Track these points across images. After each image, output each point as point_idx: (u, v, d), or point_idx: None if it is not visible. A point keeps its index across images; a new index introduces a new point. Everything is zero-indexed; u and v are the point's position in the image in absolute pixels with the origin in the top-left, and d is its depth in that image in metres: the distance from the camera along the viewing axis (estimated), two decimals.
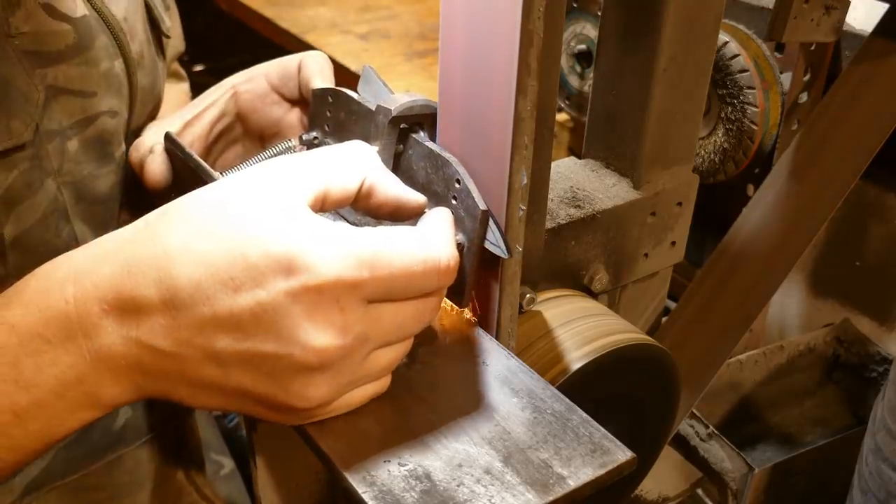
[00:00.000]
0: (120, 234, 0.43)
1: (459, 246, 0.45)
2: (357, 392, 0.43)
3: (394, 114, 0.49)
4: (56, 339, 0.41)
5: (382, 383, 0.45)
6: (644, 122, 0.66)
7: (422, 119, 0.51)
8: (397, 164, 0.51)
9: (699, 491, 0.91)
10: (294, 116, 0.66)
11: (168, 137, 0.60)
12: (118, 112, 0.61)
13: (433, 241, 0.42)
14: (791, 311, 1.10)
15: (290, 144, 0.60)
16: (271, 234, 0.39)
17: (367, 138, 0.51)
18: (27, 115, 0.53)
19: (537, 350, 0.60)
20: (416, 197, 0.46)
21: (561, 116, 1.25)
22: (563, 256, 0.66)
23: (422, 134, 0.50)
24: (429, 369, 0.48)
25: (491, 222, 0.46)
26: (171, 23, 0.78)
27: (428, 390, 0.46)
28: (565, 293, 0.66)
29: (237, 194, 0.41)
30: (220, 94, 0.65)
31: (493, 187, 0.47)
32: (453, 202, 0.47)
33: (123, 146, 0.63)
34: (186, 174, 0.58)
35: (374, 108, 0.51)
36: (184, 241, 0.40)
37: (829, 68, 0.89)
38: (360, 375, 0.42)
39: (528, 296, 0.61)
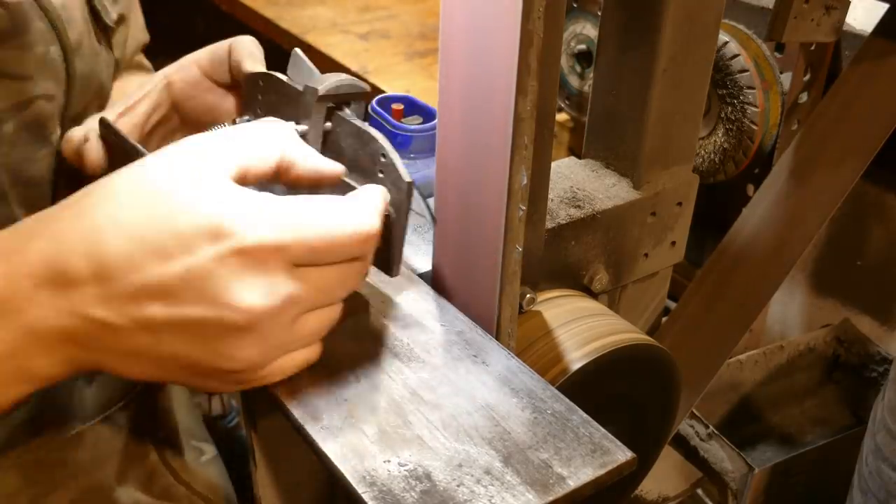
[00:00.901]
0: (47, 213, 0.44)
1: (387, 218, 0.47)
2: (288, 358, 0.44)
3: (320, 93, 0.51)
4: None
5: (313, 350, 0.46)
6: (644, 122, 0.66)
7: (348, 98, 0.52)
8: (326, 142, 0.52)
9: (699, 491, 0.91)
10: (230, 103, 0.67)
11: (103, 123, 0.61)
12: (54, 96, 0.61)
13: (357, 210, 0.44)
14: (791, 311, 1.10)
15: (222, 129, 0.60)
16: (197, 204, 0.40)
17: (297, 119, 0.53)
18: None
19: (537, 350, 0.60)
20: (333, 166, 0.48)
21: (561, 116, 1.25)
22: (563, 256, 0.66)
23: (348, 111, 0.52)
24: (428, 369, 0.48)
25: (416, 194, 0.49)
26: (130, 14, 0.78)
27: (427, 390, 0.46)
28: (565, 293, 0.66)
29: (162, 168, 0.42)
30: (153, 85, 0.66)
31: (493, 187, 0.47)
32: (380, 176, 0.49)
33: (59, 130, 0.63)
34: (121, 157, 0.59)
35: (301, 90, 0.52)
36: (111, 215, 0.41)
37: (829, 68, 0.89)
38: (289, 339, 0.43)
39: (528, 296, 0.61)
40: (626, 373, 0.62)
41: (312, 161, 0.47)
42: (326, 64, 1.62)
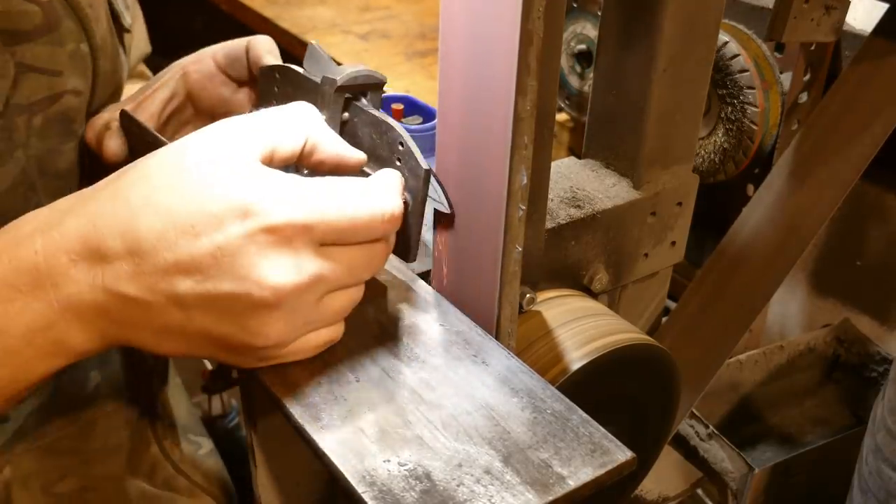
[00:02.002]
0: (84, 193, 0.46)
1: (404, 204, 0.48)
2: (312, 336, 0.46)
3: (339, 83, 0.51)
4: (26, 287, 0.43)
5: (336, 329, 0.47)
6: (644, 122, 0.66)
7: (366, 88, 0.53)
8: (343, 132, 0.53)
9: (699, 491, 0.91)
10: (242, 96, 0.69)
11: (123, 114, 0.63)
12: (82, 92, 0.63)
13: (379, 191, 0.45)
14: (791, 311, 1.10)
15: None
16: (227, 186, 0.42)
17: None
18: None
19: (537, 350, 0.60)
20: (355, 154, 0.49)
21: (561, 116, 1.26)
22: (563, 256, 0.66)
23: (365, 101, 0.52)
24: (428, 368, 0.48)
25: (433, 181, 0.49)
26: (135, 24, 0.80)
27: (427, 390, 0.46)
28: (565, 293, 0.66)
29: (193, 152, 0.44)
30: (170, 76, 0.68)
31: (493, 187, 0.47)
32: (398, 164, 0.49)
33: (84, 125, 0.65)
34: (143, 148, 0.60)
35: (320, 81, 0.53)
36: (145, 196, 0.42)
37: (829, 68, 0.89)
38: (314, 317, 0.45)
39: (527, 296, 0.61)
40: (626, 373, 0.62)
41: (336, 146, 0.48)
42: None
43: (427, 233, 0.64)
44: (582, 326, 0.62)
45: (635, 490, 0.76)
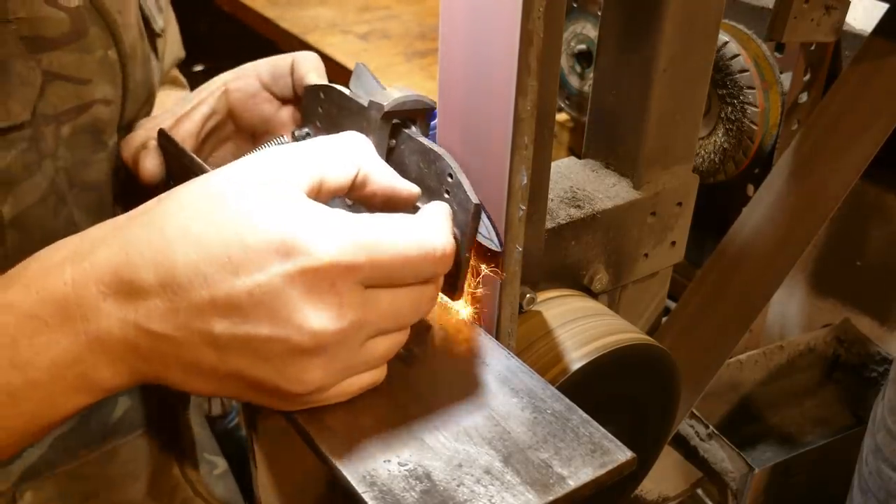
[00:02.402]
0: (117, 221, 0.44)
1: (454, 239, 0.46)
2: (353, 380, 0.43)
3: (386, 109, 0.50)
4: (53, 320, 0.41)
5: (379, 373, 0.44)
6: (644, 122, 0.66)
7: (414, 114, 0.51)
8: (389, 159, 0.51)
9: (699, 491, 0.91)
10: (285, 114, 0.67)
11: (161, 133, 0.61)
12: (112, 101, 0.62)
13: (430, 228, 0.43)
14: (791, 311, 1.10)
15: (282, 141, 0.60)
16: (268, 219, 0.39)
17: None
18: (24, 97, 0.54)
19: (537, 350, 0.60)
20: (409, 187, 0.47)
21: (561, 116, 1.26)
22: (563, 256, 0.66)
23: (414, 129, 0.51)
24: (428, 369, 0.48)
25: (483, 216, 0.47)
26: (168, 28, 0.78)
27: (428, 390, 0.46)
28: (565, 293, 0.66)
29: (234, 181, 0.41)
30: (210, 92, 0.66)
31: (493, 187, 0.47)
32: (446, 196, 0.47)
33: (116, 136, 0.64)
34: (180, 170, 0.59)
35: (366, 104, 0.51)
36: (182, 227, 0.40)
37: (829, 68, 0.89)
38: (356, 362, 0.42)
39: (528, 296, 0.61)
40: (626, 373, 0.62)
41: (389, 179, 0.46)
42: (327, 64, 1.62)
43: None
44: (582, 326, 0.62)
45: (635, 490, 0.76)
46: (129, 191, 0.65)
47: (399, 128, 0.50)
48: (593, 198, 0.67)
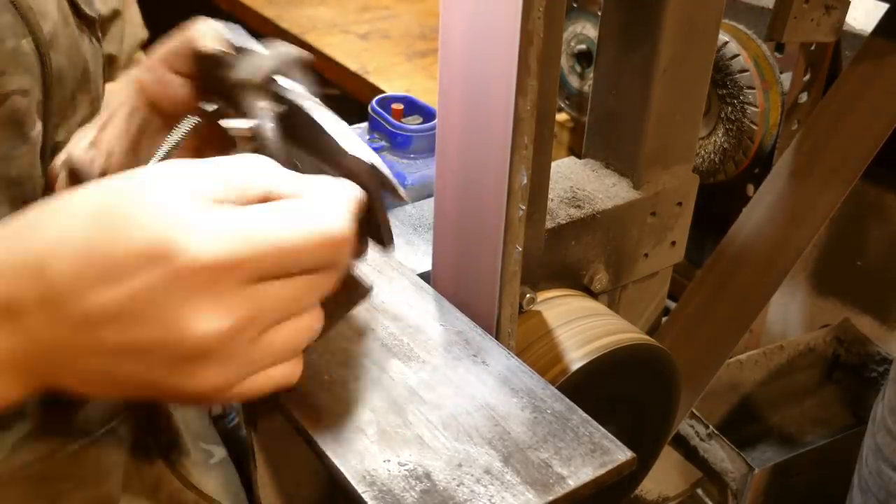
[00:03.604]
0: None
1: (368, 197, 0.43)
2: (262, 376, 0.41)
3: (256, 81, 0.48)
4: None
5: (292, 366, 0.42)
6: (644, 122, 0.66)
7: (286, 70, 0.49)
8: (287, 127, 0.48)
9: (699, 491, 0.91)
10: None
11: (65, 164, 0.59)
12: (29, 91, 0.59)
13: (321, 211, 0.40)
14: (791, 311, 1.10)
15: (193, 121, 0.57)
16: (140, 221, 0.38)
17: (245, 113, 0.49)
18: None
19: (537, 350, 0.60)
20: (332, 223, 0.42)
21: (561, 116, 1.26)
22: (563, 256, 0.66)
23: (294, 86, 0.48)
24: (428, 368, 0.48)
25: (382, 166, 0.44)
26: (126, 11, 0.76)
27: (427, 390, 0.46)
28: (565, 293, 0.66)
29: (109, 187, 0.40)
30: (127, 92, 0.63)
31: (493, 187, 0.47)
32: (346, 157, 0.44)
33: (39, 126, 0.62)
34: None
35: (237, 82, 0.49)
36: (55, 237, 0.39)
37: (829, 68, 0.89)
38: (255, 357, 0.40)
39: (527, 296, 0.61)
40: (626, 373, 0.62)
41: (292, 189, 0.41)
42: (327, 64, 1.62)
43: (427, 232, 0.64)
44: (582, 326, 0.62)
45: (635, 490, 0.76)
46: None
47: (277, 90, 0.48)
48: (593, 198, 0.67)
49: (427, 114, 0.76)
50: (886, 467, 0.67)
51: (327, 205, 0.40)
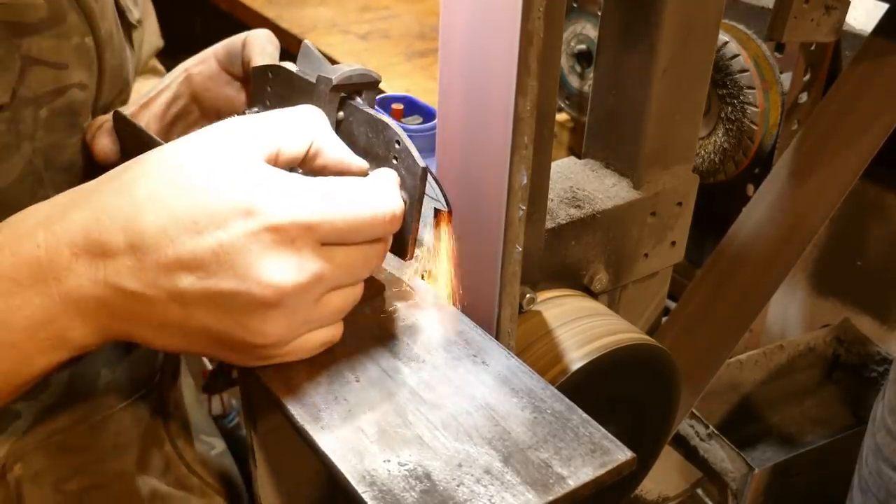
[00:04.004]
0: (87, 185, 0.46)
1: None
2: (311, 336, 0.46)
3: (335, 82, 0.51)
4: (27, 281, 0.43)
5: (336, 329, 0.47)
6: (644, 122, 0.66)
7: (361, 87, 0.52)
8: (339, 131, 0.52)
9: (699, 491, 0.91)
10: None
11: (116, 115, 0.62)
12: (87, 85, 0.63)
13: (379, 192, 0.45)
14: (791, 311, 1.10)
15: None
16: (231, 183, 0.42)
17: None
18: (5, 80, 0.56)
19: (537, 350, 0.60)
20: (358, 162, 0.49)
21: (561, 116, 1.26)
22: (563, 256, 0.66)
23: (359, 100, 0.52)
24: (428, 368, 0.48)
25: (431, 179, 0.49)
26: (146, 19, 0.79)
27: (427, 390, 0.46)
28: (565, 293, 0.66)
29: (197, 150, 0.44)
30: (173, 78, 0.67)
31: (493, 187, 0.47)
32: (394, 162, 0.49)
33: (90, 119, 0.65)
34: (138, 148, 0.60)
35: (314, 81, 0.53)
36: (149, 192, 0.42)
37: (829, 68, 0.89)
38: (314, 316, 0.45)
39: (528, 296, 0.61)
40: (626, 373, 0.62)
41: (340, 152, 0.48)
42: None
43: (426, 232, 0.64)
44: (582, 326, 0.62)
45: (635, 490, 0.76)
46: (90, 175, 0.66)
47: (346, 101, 0.52)
48: (593, 198, 0.67)
49: (427, 114, 0.76)
50: (886, 467, 0.67)
51: (383, 187, 0.46)
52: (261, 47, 0.64)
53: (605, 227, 0.67)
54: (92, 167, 0.66)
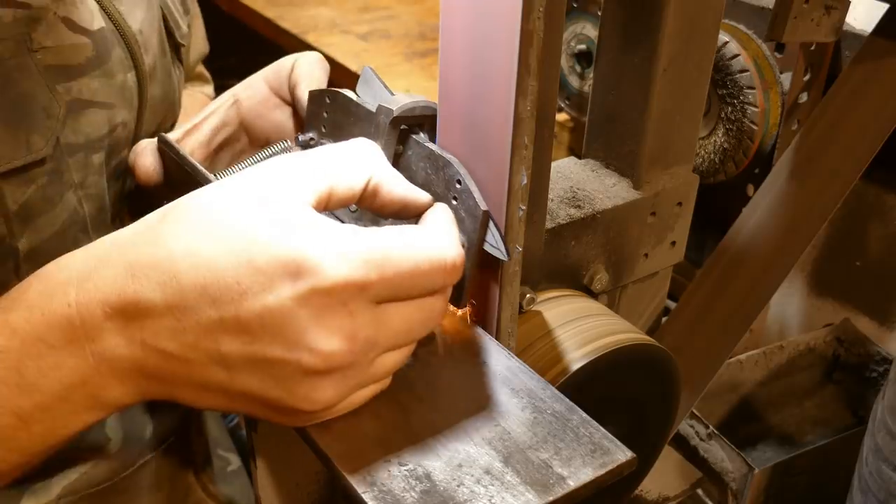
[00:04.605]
0: (120, 236, 0.43)
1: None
2: (360, 393, 0.43)
3: (395, 114, 0.49)
4: (59, 342, 0.41)
5: (385, 383, 0.45)
6: (644, 122, 0.66)
7: (422, 120, 0.50)
8: (397, 165, 0.50)
9: (699, 491, 0.91)
10: (298, 119, 0.65)
11: (161, 139, 0.60)
12: (127, 124, 0.61)
13: (438, 238, 0.42)
14: (791, 311, 1.10)
15: (285, 145, 0.59)
16: (276, 237, 0.38)
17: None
18: (47, 129, 0.53)
19: (537, 350, 0.60)
20: (421, 196, 0.45)
21: (561, 116, 1.25)
22: (563, 256, 0.66)
23: (422, 135, 0.50)
24: (429, 369, 0.48)
25: (491, 224, 0.46)
26: (194, 25, 0.77)
27: (428, 390, 0.46)
28: (565, 293, 0.66)
29: (240, 196, 0.40)
30: (221, 103, 0.64)
31: (493, 187, 0.47)
32: (454, 202, 0.47)
33: (127, 151, 0.63)
34: (181, 176, 0.58)
35: (373, 109, 0.51)
36: (187, 245, 0.39)
37: (829, 68, 0.89)
38: (366, 378, 0.42)
39: (528, 296, 0.61)
40: (626, 373, 0.62)
41: (401, 189, 0.44)
42: None
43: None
44: (582, 326, 0.62)
45: (635, 490, 0.76)
46: (135, 207, 0.65)
47: (407, 133, 0.50)
48: (593, 198, 0.67)
49: None
50: (886, 467, 0.67)
51: (442, 232, 0.43)
52: (308, 72, 0.61)
53: (605, 227, 0.67)
54: (132, 201, 0.63)
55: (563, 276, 0.67)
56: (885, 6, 0.78)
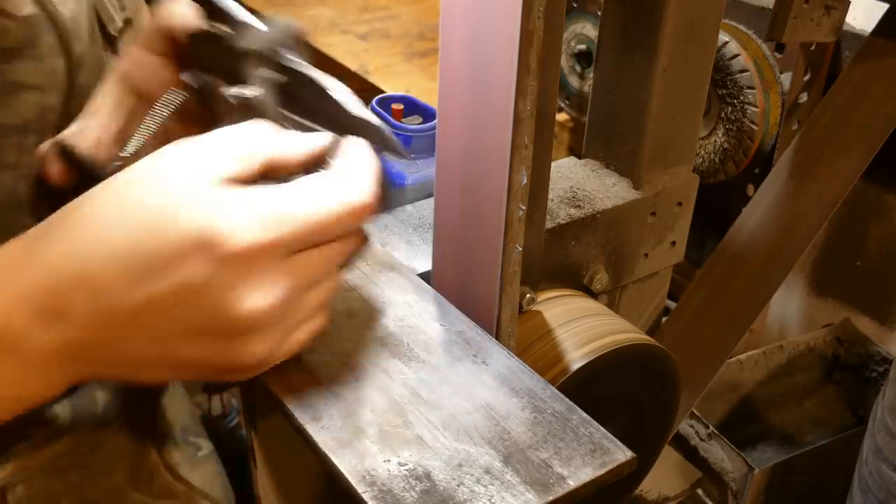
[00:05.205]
0: (33, 237, 0.43)
1: None
2: (297, 335, 0.44)
3: (259, 51, 0.48)
4: None
5: (321, 319, 0.45)
6: (644, 122, 0.66)
7: (287, 42, 0.49)
8: (286, 98, 0.49)
9: (699, 491, 0.91)
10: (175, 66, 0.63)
11: (55, 144, 0.58)
12: (56, 108, 0.61)
13: (345, 182, 0.42)
14: (791, 311, 1.10)
15: (178, 94, 0.56)
16: (180, 214, 0.39)
17: (245, 80, 0.49)
18: None
19: (537, 350, 0.60)
20: (321, 141, 0.45)
21: (561, 116, 1.26)
22: (563, 256, 0.66)
23: (296, 58, 0.49)
24: (428, 368, 0.48)
25: (380, 125, 0.46)
26: (140, 15, 0.76)
27: (428, 390, 0.46)
28: (565, 293, 0.66)
29: (141, 181, 0.41)
30: (106, 85, 0.62)
31: (493, 187, 0.47)
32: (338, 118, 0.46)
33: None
34: (82, 173, 0.57)
35: (239, 50, 0.49)
36: (97, 238, 0.40)
37: (829, 68, 0.89)
38: (296, 321, 0.43)
39: (528, 296, 0.61)
40: (626, 373, 0.62)
41: (298, 149, 0.44)
42: (326, 64, 1.62)
43: (427, 232, 0.64)
44: (582, 326, 0.62)
45: (635, 490, 0.76)
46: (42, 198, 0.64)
47: (280, 63, 0.48)
48: (593, 198, 0.67)
49: (427, 114, 0.76)
50: (886, 467, 0.67)
51: (352, 177, 0.43)
52: (179, 12, 0.57)
53: (605, 227, 0.67)
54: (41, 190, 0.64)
55: (562, 275, 0.67)
56: (885, 6, 0.78)
